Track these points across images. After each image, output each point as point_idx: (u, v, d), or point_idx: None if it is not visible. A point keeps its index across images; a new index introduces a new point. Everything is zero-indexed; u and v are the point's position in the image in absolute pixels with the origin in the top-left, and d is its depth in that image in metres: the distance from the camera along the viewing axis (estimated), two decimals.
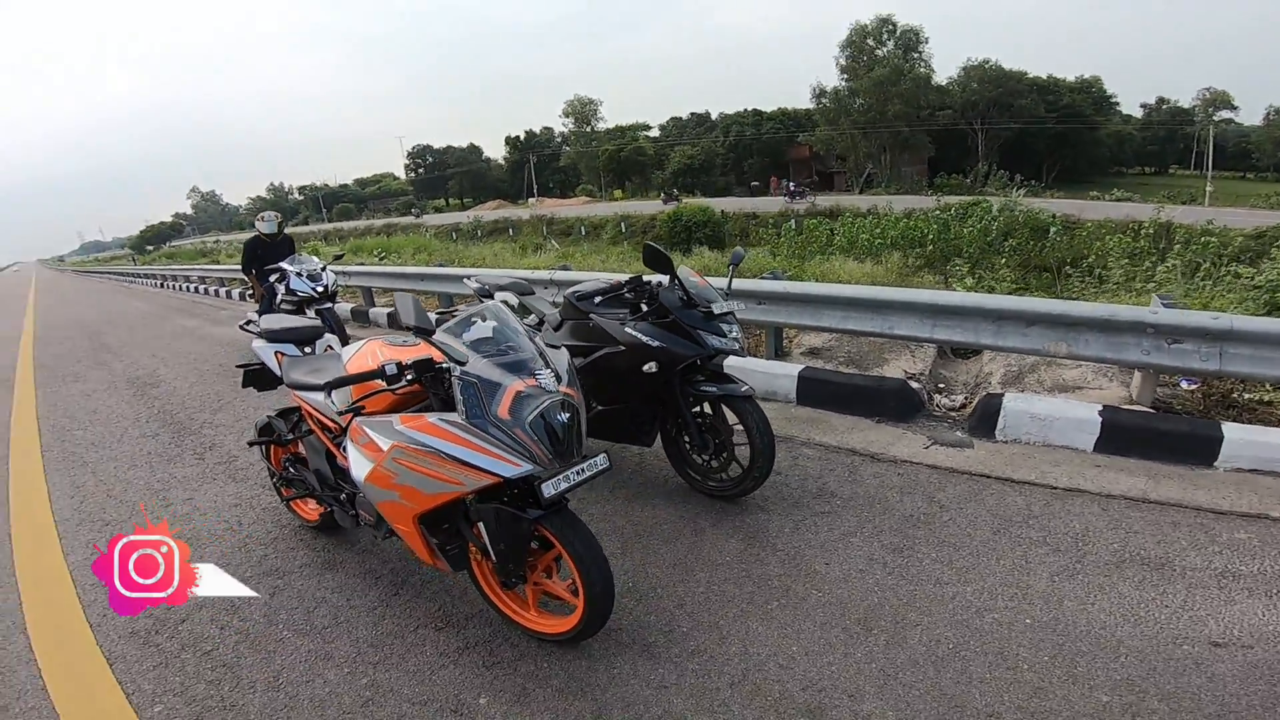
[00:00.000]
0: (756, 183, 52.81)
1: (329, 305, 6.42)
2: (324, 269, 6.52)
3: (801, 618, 2.25)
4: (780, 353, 4.88)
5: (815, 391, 4.09)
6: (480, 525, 2.04)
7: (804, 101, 54.09)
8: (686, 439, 3.02)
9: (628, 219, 31.10)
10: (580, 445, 2.01)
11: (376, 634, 2.37)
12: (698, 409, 3.01)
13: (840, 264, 7.91)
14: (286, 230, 7.61)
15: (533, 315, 3.41)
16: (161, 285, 22.21)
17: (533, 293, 3.85)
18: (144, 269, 29.91)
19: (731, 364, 4.42)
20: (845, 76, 48.11)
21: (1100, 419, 3.28)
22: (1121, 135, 53.92)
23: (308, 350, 3.01)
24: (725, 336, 2.82)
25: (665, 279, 2.97)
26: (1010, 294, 6.35)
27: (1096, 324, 3.42)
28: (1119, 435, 3.24)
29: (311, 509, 3.06)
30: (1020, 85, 46.91)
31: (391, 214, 65.43)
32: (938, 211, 18.05)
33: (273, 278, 6.59)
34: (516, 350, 2.02)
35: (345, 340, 6.26)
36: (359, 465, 2.13)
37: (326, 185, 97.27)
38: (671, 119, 72.96)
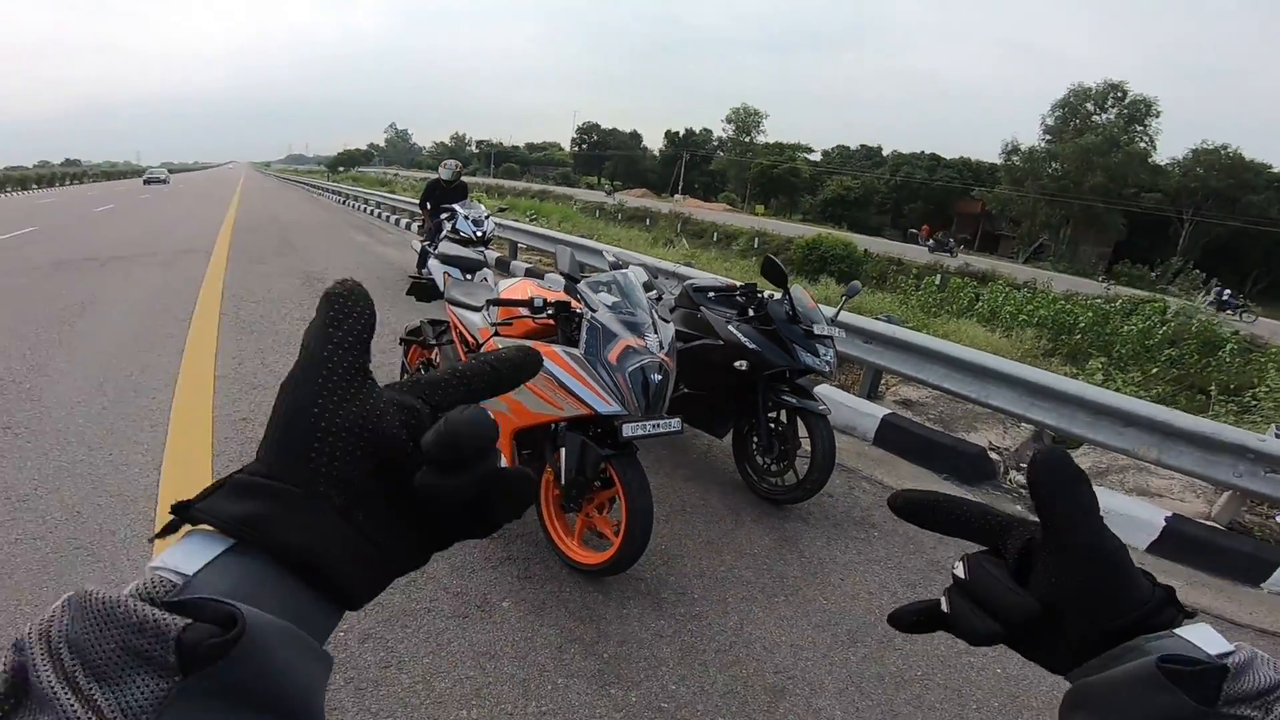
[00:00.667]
0: (915, 230, 50.26)
1: (483, 251, 7.11)
2: (488, 217, 7.22)
3: (800, 616, 2.44)
4: (874, 394, 4.90)
5: (894, 437, 4.12)
6: (562, 450, 2.35)
7: (990, 155, 50.67)
8: (756, 439, 3.24)
9: (763, 235, 30.90)
10: (664, 404, 2.35)
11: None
12: (774, 415, 3.21)
13: (967, 327, 7.61)
14: (462, 179, 8.48)
15: (654, 291, 3.75)
16: (344, 202, 24.94)
17: (656, 277, 4.21)
18: (332, 185, 33.53)
19: (823, 392, 4.56)
20: (1047, 138, 44.32)
21: (1164, 524, 3.18)
22: None
23: (469, 277, 3.53)
24: (818, 356, 3.00)
25: (778, 293, 3.21)
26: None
27: (1197, 439, 3.27)
28: (1177, 542, 3.15)
29: None
30: (1256, 179, 39.88)
31: (548, 181, 68.73)
32: (1100, 300, 16.55)
33: (443, 215, 7.39)
34: (635, 313, 2.39)
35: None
36: None
37: (500, 144, 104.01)
38: (837, 147, 71.06)
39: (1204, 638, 0.32)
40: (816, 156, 69.45)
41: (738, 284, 3.47)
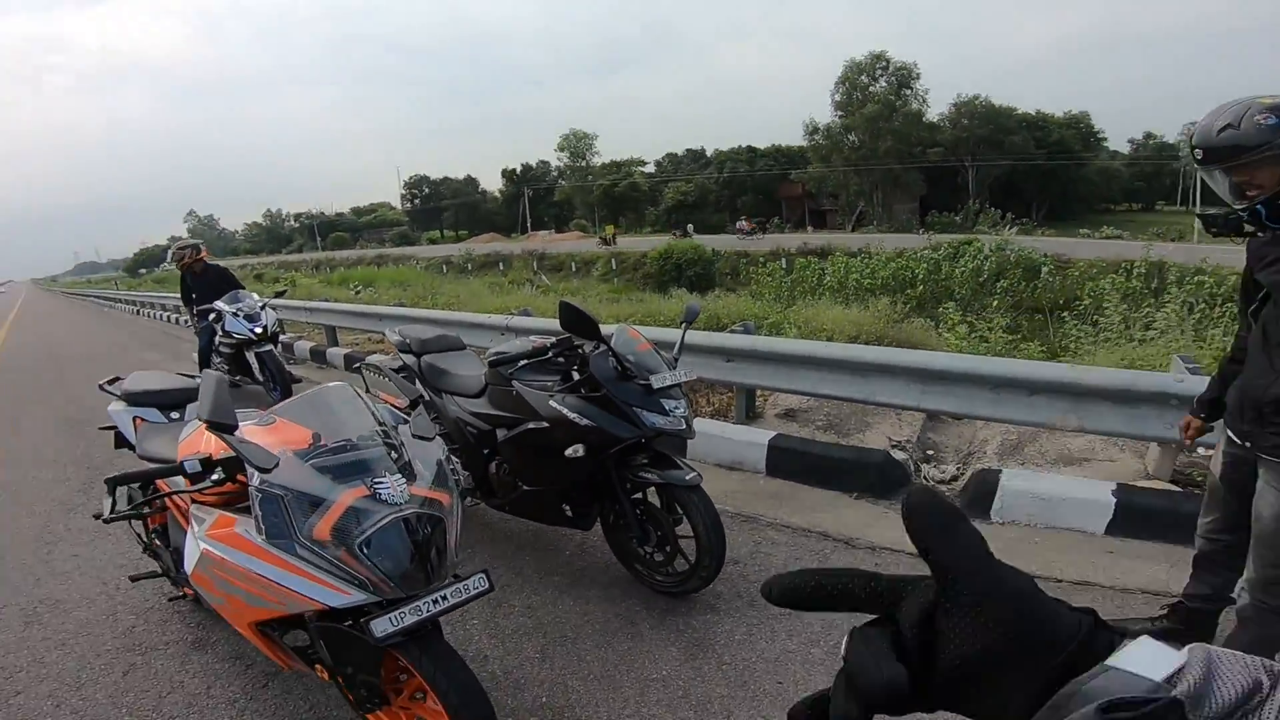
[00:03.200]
0: (740, 223, 53.21)
1: (269, 348, 5.91)
2: (263, 308, 5.99)
3: None
4: (751, 414, 4.46)
5: (787, 463, 3.67)
6: (322, 643, 1.64)
7: (798, 138, 54.55)
8: (626, 528, 2.59)
9: (618, 255, 30.96)
10: (444, 563, 1.63)
11: None
12: (640, 494, 2.58)
13: (826, 309, 7.54)
14: (211, 263, 7.04)
15: (398, 395, 2.99)
16: (137, 312, 21.73)
17: (462, 348, 3.46)
18: (124, 294, 29.45)
19: (698, 426, 4.01)
20: (839, 113, 48.16)
21: (1114, 499, 2.88)
22: (1109, 171, 53.83)
23: (175, 416, 2.57)
24: (668, 414, 2.39)
25: (596, 346, 2.53)
26: (1007, 352, 6.00)
27: (1112, 394, 3.01)
28: (1136, 517, 2.84)
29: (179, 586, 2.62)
30: (1010, 121, 46.42)
31: (385, 244, 65.34)
32: (928, 250, 17.91)
33: (210, 318, 6.12)
34: (354, 447, 1.63)
35: (287, 387, 5.74)
36: (188, 560, 1.79)
37: (323, 214, 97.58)
38: (667, 155, 73.81)
39: (1145, 659, 0.30)
40: (650, 168, 71.65)
41: (548, 342, 2.74)
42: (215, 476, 1.57)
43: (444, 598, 1.60)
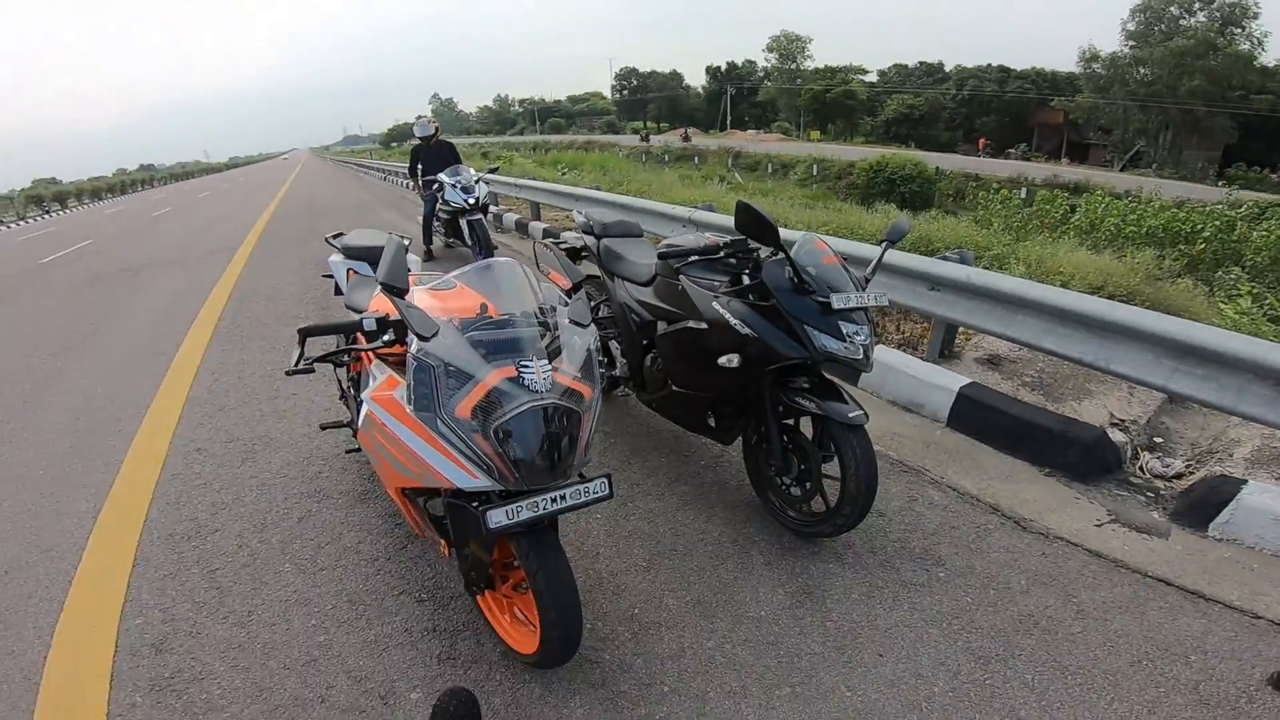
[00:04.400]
0: (987, 141, 45.71)
1: (479, 216, 6.49)
2: (477, 181, 6.64)
3: (808, 717, 1.68)
4: (948, 352, 3.88)
5: (975, 416, 3.14)
6: (449, 518, 1.71)
7: (1066, 65, 45.36)
8: (768, 454, 2.37)
9: (822, 162, 28.63)
10: (574, 460, 1.55)
11: (364, 589, 2.21)
12: (790, 421, 2.33)
13: (1067, 251, 6.29)
14: (444, 138, 7.71)
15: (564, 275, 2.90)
16: (385, 178, 24.77)
17: (639, 235, 3.33)
18: (376, 163, 33.58)
19: (879, 356, 3.57)
20: (1130, 43, 39.39)
21: None
22: None
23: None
24: (844, 339, 2.06)
25: (775, 251, 2.19)
26: None
27: None
28: None
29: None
30: None
31: (594, 131, 67.22)
32: (1223, 206, 14.14)
33: (434, 187, 6.78)
34: (512, 325, 1.58)
35: (490, 252, 6.29)
36: (360, 414, 1.89)
37: (543, 100, 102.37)
38: (895, 65, 65.21)
39: None
40: (873, 78, 64.09)
41: (720, 240, 2.47)
42: (387, 337, 1.62)
43: (563, 497, 1.56)
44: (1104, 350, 2.92)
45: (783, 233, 2.14)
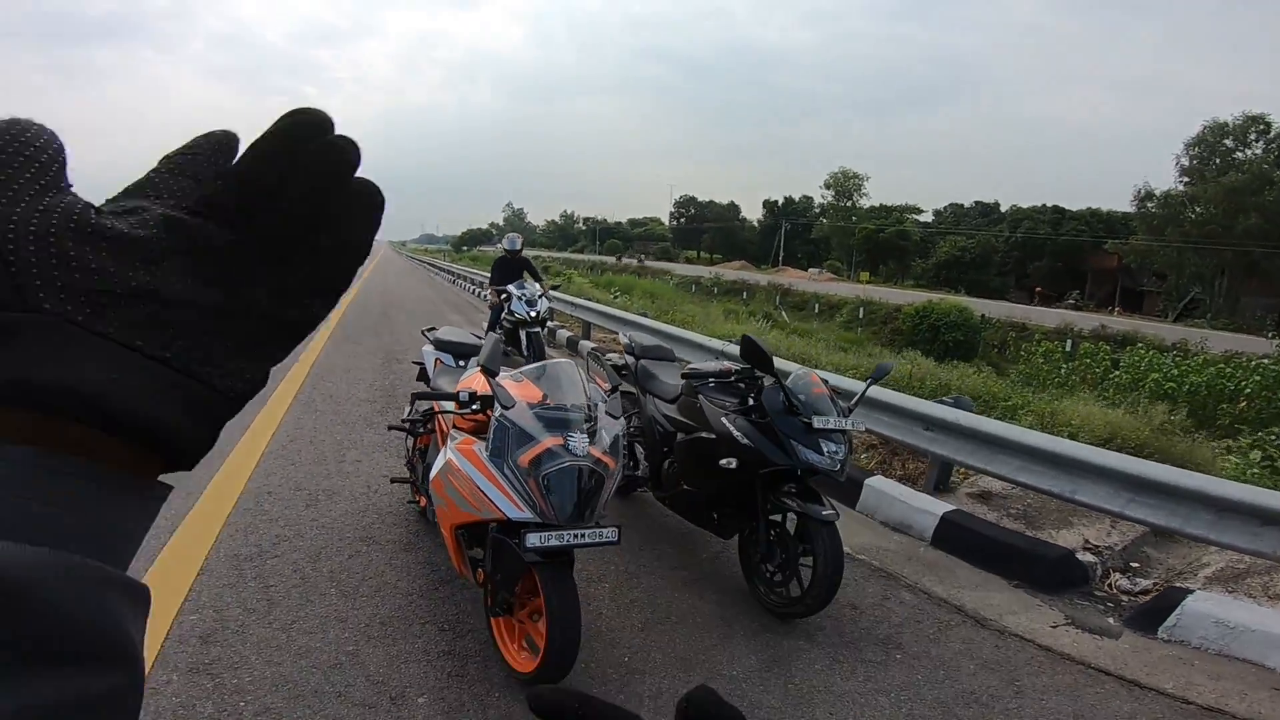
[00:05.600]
0: (1041, 289, 45.77)
1: (538, 330, 7.17)
2: (540, 296, 7.33)
3: None
4: (943, 487, 4.24)
5: (956, 537, 3.49)
6: (491, 550, 2.21)
7: (1122, 204, 46.17)
8: (756, 544, 2.84)
9: (869, 304, 29.57)
10: (594, 511, 2.12)
11: (395, 615, 2.62)
12: (777, 518, 2.81)
13: (1075, 404, 6.59)
14: (524, 253, 8.70)
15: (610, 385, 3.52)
16: (454, 281, 26.94)
17: (673, 360, 3.95)
18: (446, 264, 36.45)
19: (876, 485, 4.00)
20: (1185, 180, 39.58)
21: None
22: None
23: (461, 364, 3.44)
24: (822, 454, 2.59)
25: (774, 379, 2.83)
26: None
27: None
28: None
29: (418, 494, 3.47)
30: None
31: (648, 257, 70.84)
32: (1270, 360, 14.03)
33: (502, 296, 7.60)
34: (565, 410, 2.20)
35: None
36: (434, 468, 2.47)
37: (605, 220, 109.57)
38: (950, 205, 67.92)
39: None
40: (928, 217, 66.58)
41: (733, 368, 3.10)
42: (475, 406, 2.25)
43: (582, 535, 2.08)
44: (1070, 484, 3.31)
45: (781, 364, 2.73)
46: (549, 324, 10.36)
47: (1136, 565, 3.42)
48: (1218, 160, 38.32)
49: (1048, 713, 2.25)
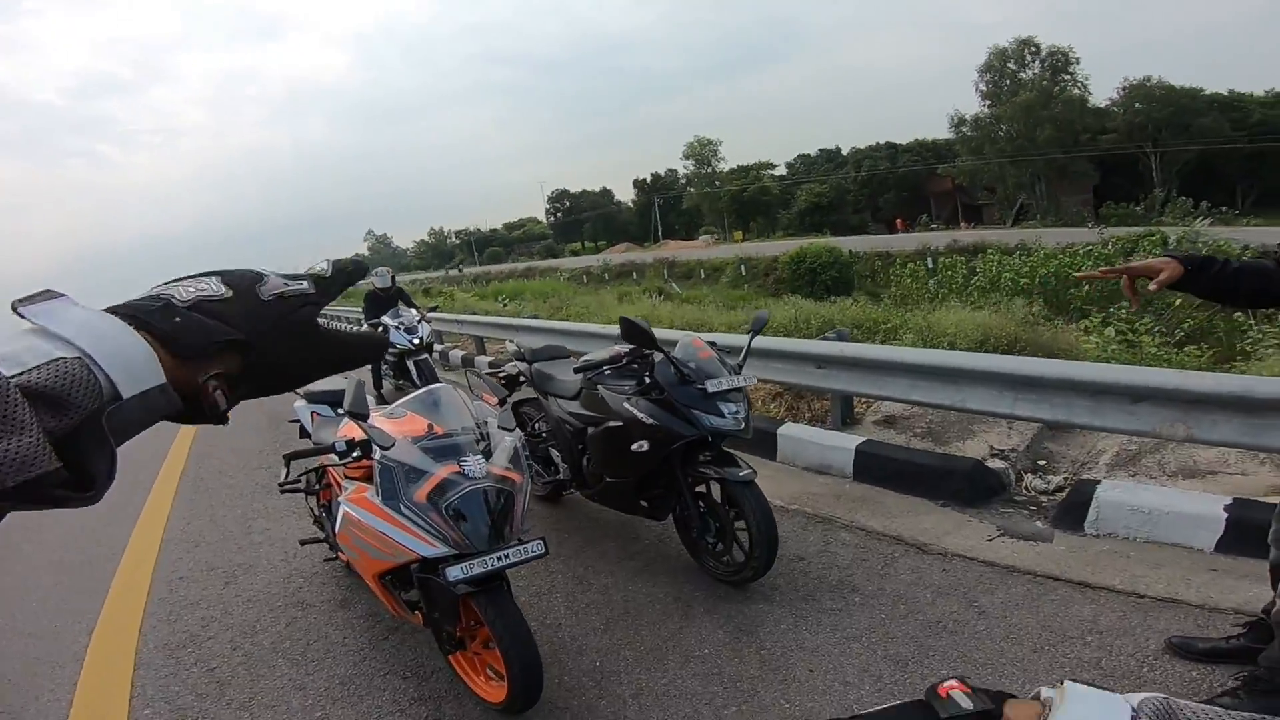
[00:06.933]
0: (902, 220, 49.63)
1: (424, 356, 6.86)
2: (419, 321, 6.99)
3: None
4: (849, 420, 4.49)
5: (874, 468, 3.70)
6: (419, 590, 2.12)
7: (942, 132, 50.71)
8: (691, 520, 2.87)
9: (748, 261, 30.76)
10: (513, 528, 2.05)
11: (353, 673, 2.53)
12: (703, 488, 2.85)
13: (947, 313, 7.19)
14: (399, 284, 8.26)
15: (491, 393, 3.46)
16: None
17: (566, 356, 3.88)
18: None
19: (787, 432, 4.16)
20: (987, 103, 44.19)
21: (1225, 515, 2.65)
22: None
23: (340, 411, 3.20)
24: (724, 416, 2.62)
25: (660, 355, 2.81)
26: (1157, 361, 5.36)
27: (1229, 402, 2.70)
28: (1251, 534, 2.51)
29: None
30: (1197, 103, 39.89)
31: (533, 257, 69.83)
32: (1098, 247, 15.96)
33: (380, 330, 7.19)
34: (453, 435, 2.11)
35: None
36: (336, 523, 2.34)
37: (479, 230, 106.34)
38: (799, 156, 71.54)
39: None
40: (781, 170, 70.05)
41: (624, 350, 3.06)
42: (355, 454, 2.10)
43: (506, 555, 2.00)
44: (959, 393, 3.56)
45: (664, 334, 2.73)
46: (436, 347, 9.96)
47: (1043, 463, 3.74)
48: (1008, 82, 42.97)
49: (1016, 629, 2.32)
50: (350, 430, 2.49)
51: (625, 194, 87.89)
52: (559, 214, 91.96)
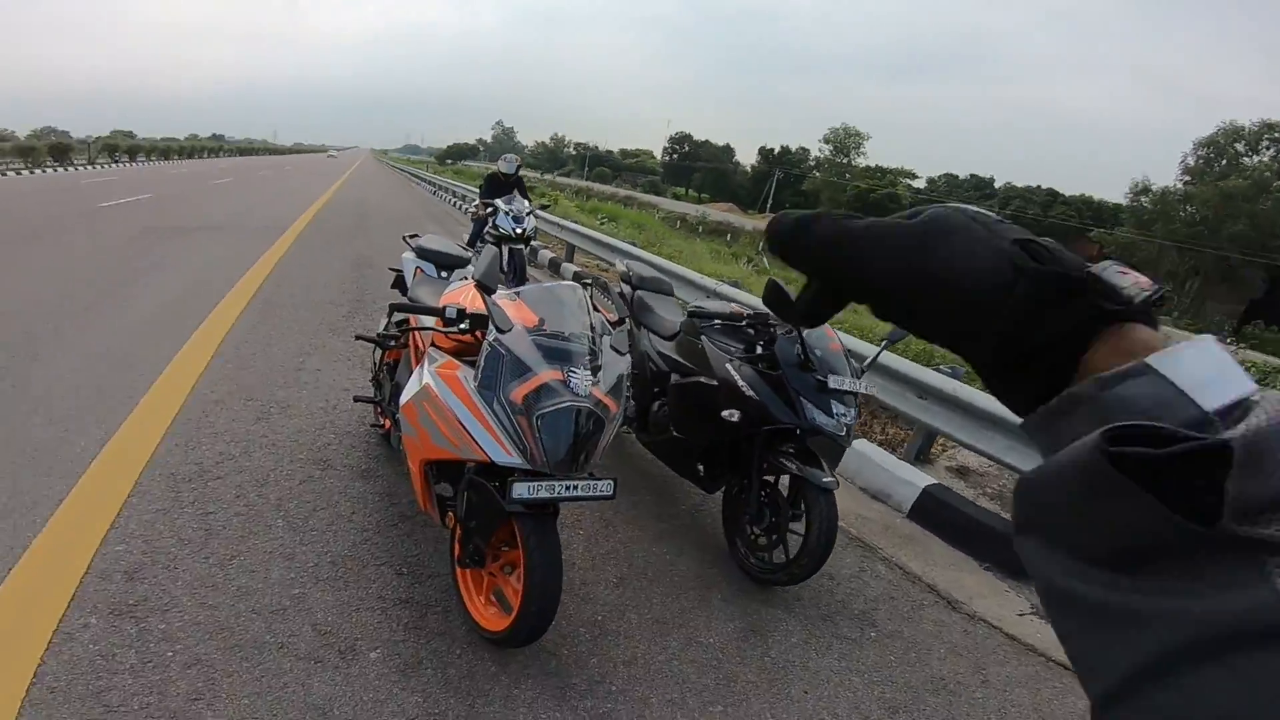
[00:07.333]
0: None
1: (521, 247, 6.87)
2: (529, 214, 7.01)
3: None
4: (923, 457, 4.16)
5: (934, 512, 3.41)
6: (466, 493, 1.96)
7: (1115, 195, 46.39)
8: (745, 503, 2.67)
9: None
10: (589, 459, 1.86)
11: (347, 554, 2.39)
12: (771, 478, 2.63)
13: None
14: (521, 175, 8.26)
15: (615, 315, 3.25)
16: (435, 192, 25.80)
17: (670, 293, 3.67)
18: (428, 176, 34.87)
19: (859, 448, 3.88)
20: (1185, 179, 39.48)
21: None
22: None
23: (444, 275, 3.12)
24: (831, 416, 2.38)
25: (790, 329, 2.58)
26: None
27: None
28: None
29: (383, 415, 3.18)
30: None
31: (636, 189, 69.22)
32: None
33: (488, 210, 7.24)
34: (569, 340, 1.90)
35: (523, 282, 6.69)
36: (407, 391, 2.15)
37: (595, 148, 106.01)
38: (945, 175, 67.63)
39: (1200, 372, 0.21)
40: (921, 184, 66.20)
41: (745, 311, 2.83)
42: (463, 325, 1.95)
43: (575, 487, 1.82)
44: None
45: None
46: (532, 243, 9.97)
47: None
48: (1224, 162, 38.15)
49: (1011, 705, 2.21)
50: (459, 297, 2.37)
51: (746, 158, 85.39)
52: (674, 155, 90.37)
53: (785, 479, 2.56)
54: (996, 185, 62.21)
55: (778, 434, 2.52)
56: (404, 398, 2.13)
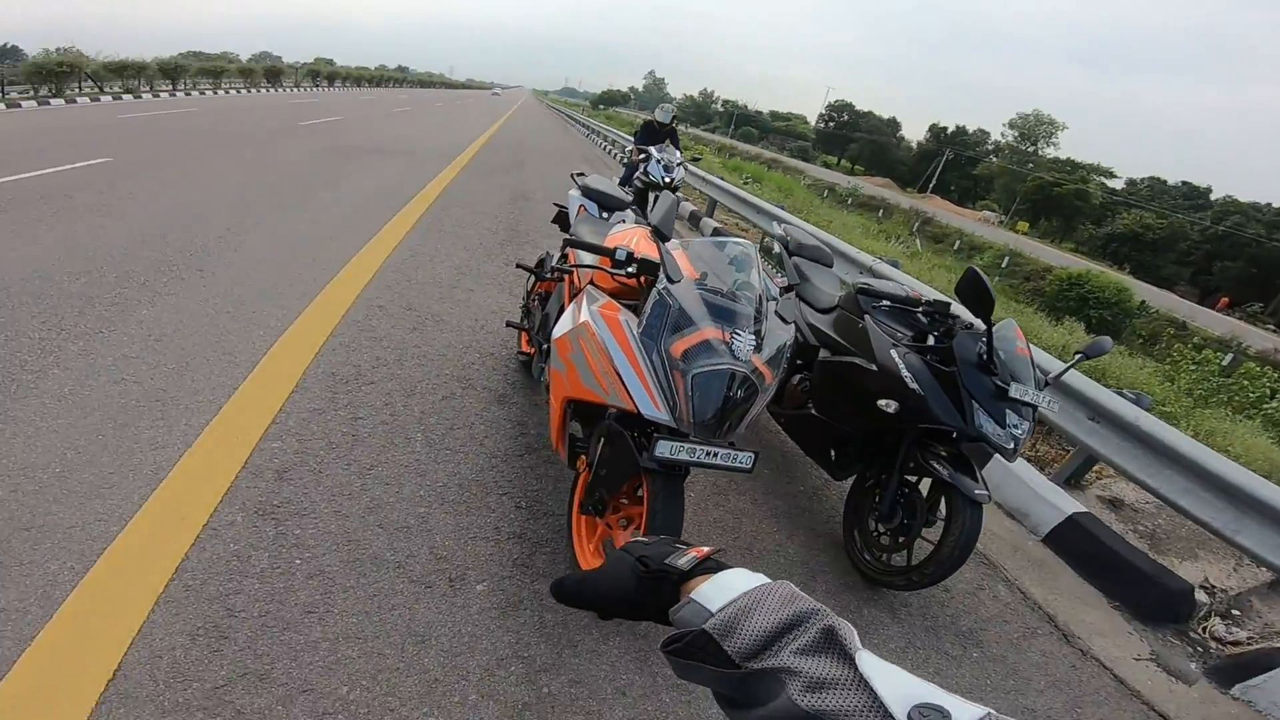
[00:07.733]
0: (1230, 302, 39.10)
1: (667, 195, 6.94)
2: (679, 164, 7.06)
3: None
4: (1075, 481, 3.79)
5: (1074, 541, 3.11)
6: (602, 440, 1.92)
7: None
8: (878, 499, 2.48)
9: (1017, 256, 26.64)
10: (733, 428, 1.78)
11: (474, 479, 2.45)
12: (913, 478, 2.44)
13: (1242, 432, 5.69)
14: (675, 125, 8.25)
15: (783, 279, 3.12)
16: (588, 135, 26.36)
17: (830, 264, 3.52)
18: (583, 119, 35.54)
19: (1002, 460, 3.59)
20: None
21: None
22: None
23: (604, 215, 3.18)
24: (1003, 426, 2.13)
25: (976, 322, 2.35)
26: None
27: None
28: None
29: (528, 344, 3.33)
30: None
31: (784, 153, 66.40)
32: None
33: (640, 156, 7.36)
34: (736, 300, 1.81)
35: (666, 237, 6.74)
36: (562, 325, 2.12)
37: (745, 107, 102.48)
38: (1150, 178, 58.70)
39: (716, 592, 0.42)
40: (1119, 183, 58.02)
41: (924, 297, 2.59)
42: (630, 269, 1.89)
43: (715, 454, 1.72)
44: (1236, 521, 2.85)
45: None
46: (677, 194, 10.00)
47: (1238, 613, 3.00)
48: None
49: None
50: (625, 239, 2.34)
51: (913, 134, 78.81)
52: (831, 123, 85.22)
53: (927, 481, 2.38)
54: (1213, 196, 53.19)
55: (931, 433, 2.32)
56: (558, 330, 2.10)
